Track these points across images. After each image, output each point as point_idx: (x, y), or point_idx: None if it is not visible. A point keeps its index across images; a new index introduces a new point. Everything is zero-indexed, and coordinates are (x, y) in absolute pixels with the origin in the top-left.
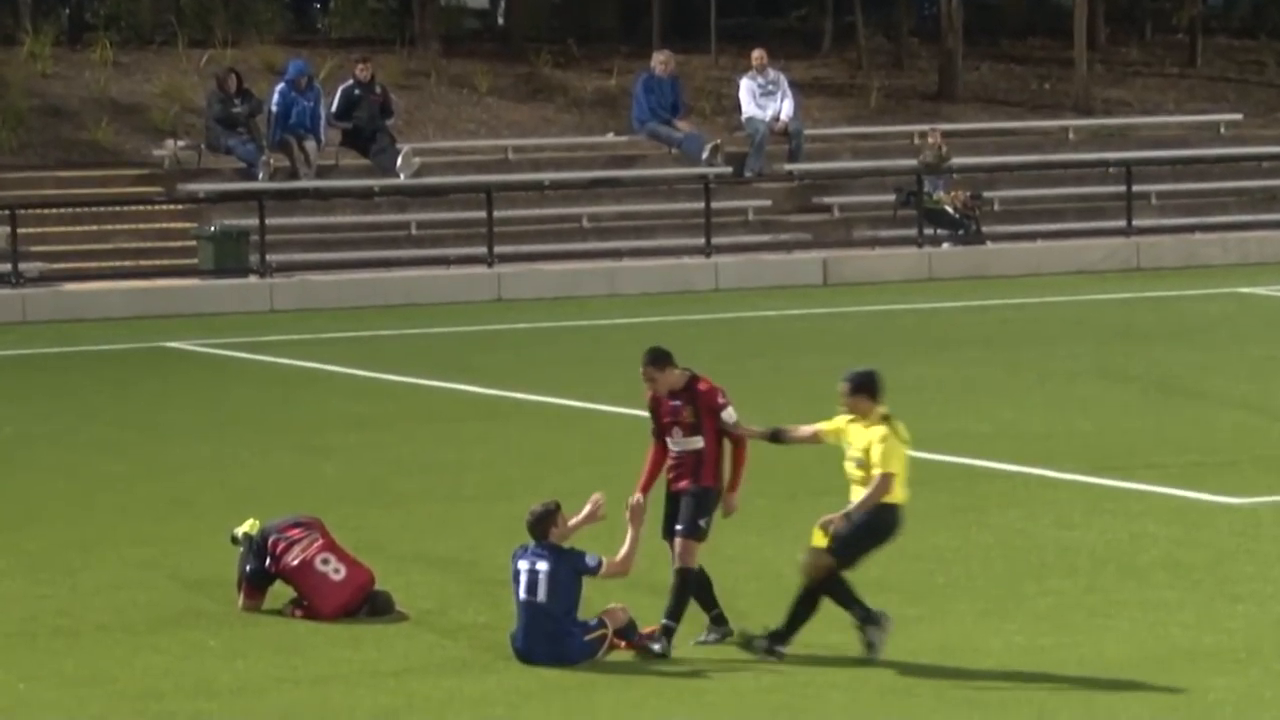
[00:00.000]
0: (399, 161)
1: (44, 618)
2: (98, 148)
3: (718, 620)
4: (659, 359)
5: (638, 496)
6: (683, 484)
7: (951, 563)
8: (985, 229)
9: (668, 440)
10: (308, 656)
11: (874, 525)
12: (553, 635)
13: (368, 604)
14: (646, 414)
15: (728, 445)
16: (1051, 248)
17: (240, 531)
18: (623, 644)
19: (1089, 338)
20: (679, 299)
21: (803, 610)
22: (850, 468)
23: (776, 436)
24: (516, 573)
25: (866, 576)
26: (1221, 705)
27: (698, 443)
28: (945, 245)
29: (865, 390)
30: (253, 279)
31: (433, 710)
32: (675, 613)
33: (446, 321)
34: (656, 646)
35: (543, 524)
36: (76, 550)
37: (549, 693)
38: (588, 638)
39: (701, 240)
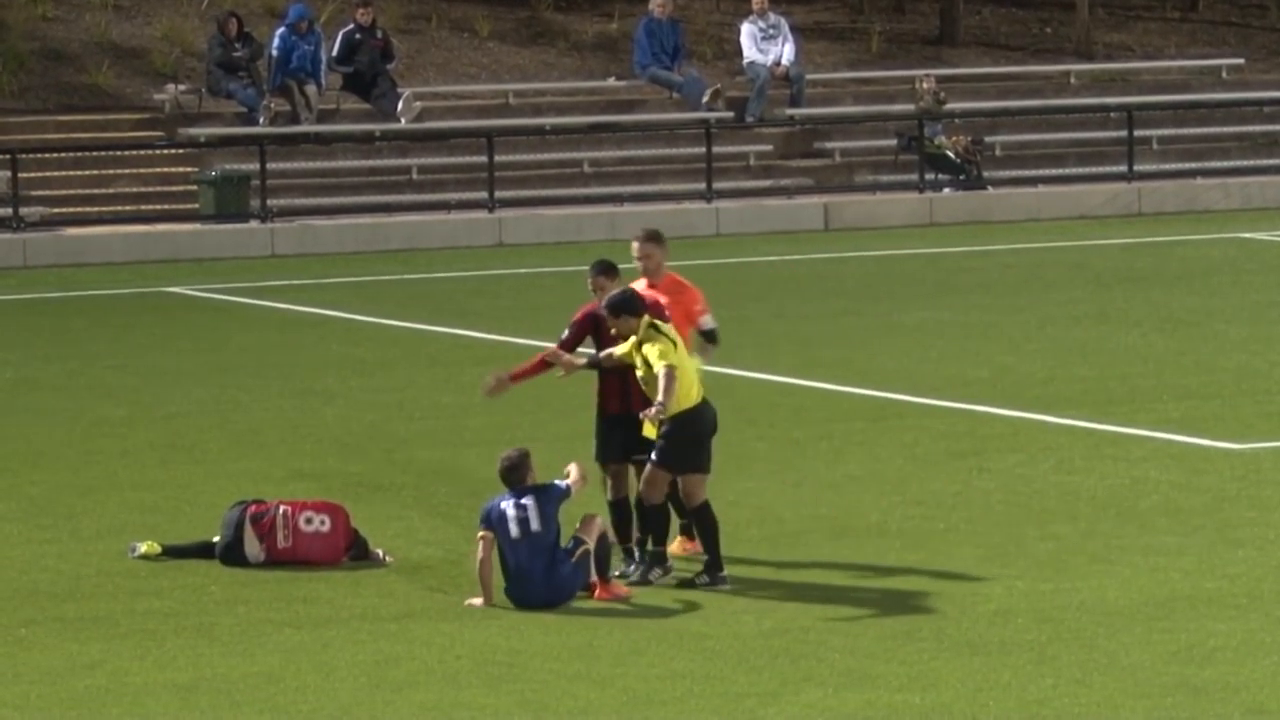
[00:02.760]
0: (400, 106)
1: (45, 562)
2: (99, 91)
3: (630, 552)
4: (611, 269)
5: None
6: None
7: (952, 508)
8: (986, 174)
9: (598, 354)
10: (309, 602)
11: (687, 426)
12: (549, 567)
13: (353, 546)
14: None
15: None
16: (1052, 193)
17: (140, 551)
18: (598, 590)
19: (1090, 283)
20: (680, 244)
21: (654, 520)
22: (644, 386)
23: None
24: (502, 517)
25: (867, 522)
26: (1222, 650)
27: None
28: (946, 190)
29: (624, 311)
30: (253, 223)
31: (434, 655)
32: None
33: (447, 266)
34: (652, 575)
35: (518, 470)
36: (78, 495)
37: (550, 638)
38: (573, 560)
39: (702, 185)
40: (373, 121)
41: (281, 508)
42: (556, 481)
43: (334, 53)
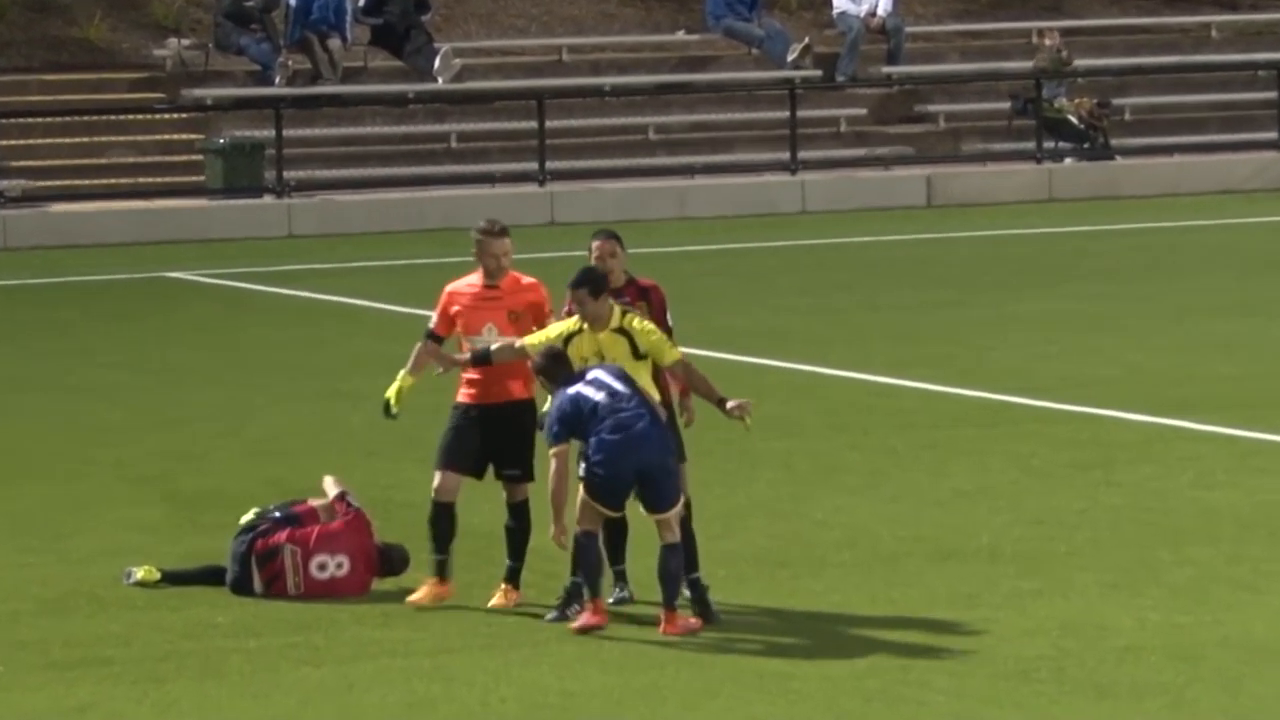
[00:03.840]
0: (437, 63)
1: (28, 589)
2: (90, 47)
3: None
4: (618, 238)
5: None
6: None
7: (1075, 528)
8: (1114, 142)
9: None
10: (331, 635)
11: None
12: (651, 421)
13: (384, 565)
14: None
15: None
16: (1191, 163)
17: (137, 578)
18: (663, 623)
19: (1234, 268)
20: (760, 222)
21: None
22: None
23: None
24: (576, 398)
25: (976, 544)
26: None
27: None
28: (1068, 160)
29: (602, 289)
30: (268, 199)
31: (475, 697)
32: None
33: None
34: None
35: (561, 360)
36: (68, 511)
37: (609, 678)
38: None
39: (786, 154)
40: (405, 81)
41: (289, 548)
42: None
43: (360, 2)
